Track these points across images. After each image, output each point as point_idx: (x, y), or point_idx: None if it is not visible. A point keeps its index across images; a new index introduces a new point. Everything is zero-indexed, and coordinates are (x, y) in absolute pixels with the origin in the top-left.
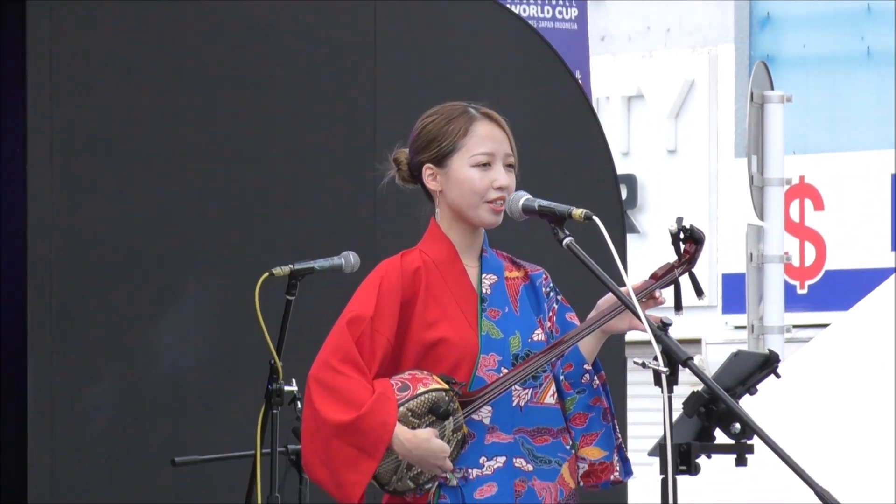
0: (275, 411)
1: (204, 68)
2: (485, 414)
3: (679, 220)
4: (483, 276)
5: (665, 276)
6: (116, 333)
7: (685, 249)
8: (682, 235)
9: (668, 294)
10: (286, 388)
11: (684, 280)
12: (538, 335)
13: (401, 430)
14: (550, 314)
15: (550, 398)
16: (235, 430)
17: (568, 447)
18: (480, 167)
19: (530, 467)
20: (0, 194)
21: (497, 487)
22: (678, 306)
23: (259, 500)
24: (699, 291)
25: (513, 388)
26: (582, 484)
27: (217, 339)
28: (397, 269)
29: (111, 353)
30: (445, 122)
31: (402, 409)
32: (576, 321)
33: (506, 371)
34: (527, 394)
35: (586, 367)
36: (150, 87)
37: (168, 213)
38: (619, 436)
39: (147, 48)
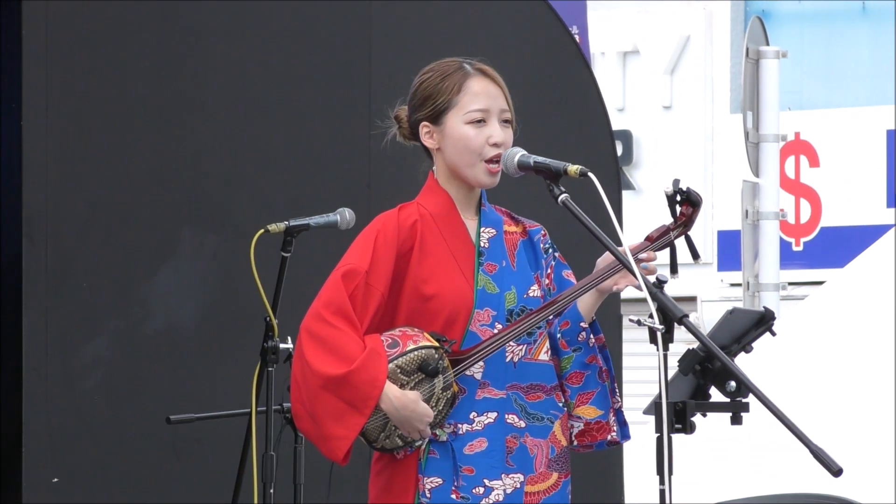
0: (270, 369)
1: (201, 25)
2: (477, 369)
3: (676, 182)
4: (482, 229)
5: (660, 238)
6: (112, 290)
7: (681, 212)
8: (678, 198)
9: (662, 254)
10: (282, 345)
11: (680, 242)
12: (534, 291)
13: (390, 388)
14: (548, 271)
15: (544, 355)
16: (231, 388)
17: (561, 405)
18: (475, 123)
19: (522, 423)
20: None
21: (487, 443)
22: (674, 269)
23: (254, 458)
24: (695, 254)
25: (507, 343)
26: (576, 443)
27: (212, 296)
28: (394, 223)
29: (106, 310)
30: (440, 78)
31: (391, 365)
32: (572, 279)
33: (500, 326)
34: (521, 350)
35: (583, 324)
36: (146, 41)
37: (163, 170)
38: (619, 399)
39: (142, 6)
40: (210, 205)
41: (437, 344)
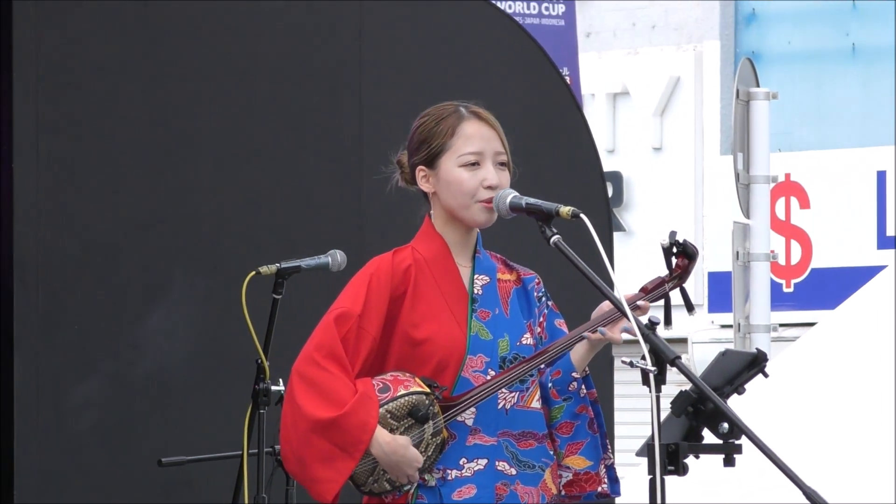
0: (262, 411)
1: (190, 66)
2: (468, 415)
3: (672, 234)
4: (475, 276)
5: (655, 290)
6: (103, 331)
7: (677, 264)
8: (674, 250)
9: (656, 305)
10: (273, 387)
11: (674, 294)
12: (527, 339)
13: (380, 433)
14: (541, 319)
15: (536, 402)
16: (222, 430)
17: (551, 452)
18: (469, 166)
19: (513, 471)
20: None
21: (476, 489)
22: (668, 321)
23: (246, 501)
24: (690, 307)
25: (499, 390)
26: (564, 493)
27: (203, 338)
28: (388, 266)
29: (97, 352)
30: (435, 122)
31: (381, 410)
32: (564, 329)
33: (492, 373)
34: (513, 397)
35: (574, 374)
36: (136, 83)
37: (154, 211)
38: (611, 456)
39: (133, 45)
40: (201, 247)
41: (427, 390)
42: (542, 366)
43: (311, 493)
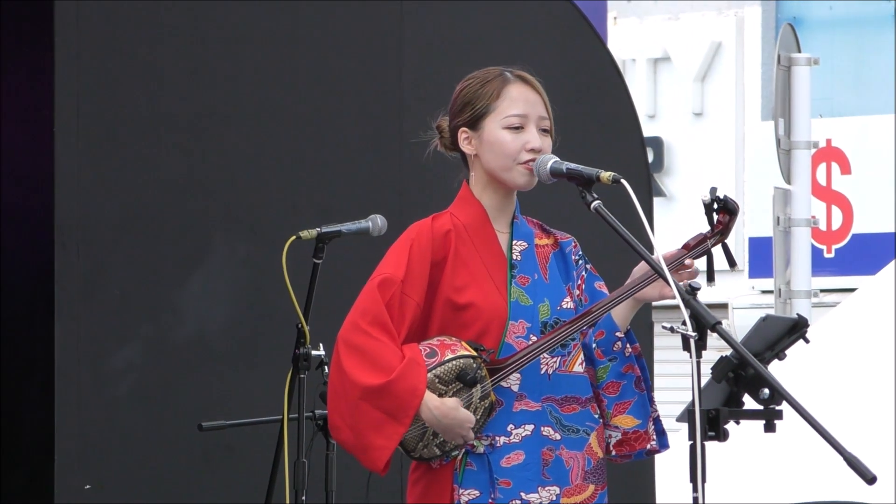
0: (302, 376)
1: (231, 31)
2: (513, 381)
3: (713, 190)
4: (513, 242)
5: (697, 247)
6: (143, 296)
7: (718, 220)
8: (715, 206)
9: (699, 262)
10: (313, 352)
11: (717, 250)
12: (567, 303)
13: (429, 398)
14: (579, 282)
15: (579, 367)
16: (262, 395)
17: (596, 416)
18: (513, 129)
19: (558, 436)
20: (27, 157)
21: (524, 455)
22: (710, 277)
23: (286, 465)
24: (732, 262)
25: (541, 356)
26: (614, 453)
27: (244, 303)
28: (428, 232)
29: (138, 317)
30: (480, 84)
31: (429, 375)
32: (604, 290)
33: (534, 338)
34: (555, 362)
35: (618, 334)
36: (176, 48)
37: (195, 175)
38: (657, 409)
39: (173, 10)
40: (241, 211)
41: (475, 353)
42: (585, 328)
43: (362, 462)
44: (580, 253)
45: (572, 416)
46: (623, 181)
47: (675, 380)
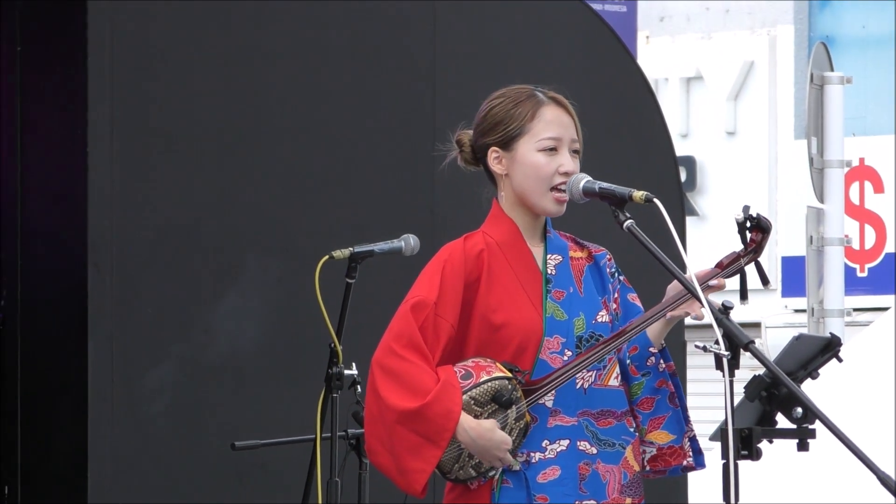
0: (335, 395)
1: (263, 50)
2: (548, 397)
3: (746, 208)
4: (548, 256)
5: (731, 265)
6: (176, 315)
7: (751, 238)
8: (748, 224)
9: (732, 280)
10: (346, 371)
11: (750, 269)
12: (602, 316)
13: (466, 419)
14: (615, 295)
15: (614, 380)
16: (295, 414)
17: (632, 430)
18: (547, 152)
19: (594, 450)
20: (61, 175)
21: (560, 470)
22: (744, 295)
23: (319, 484)
24: (765, 280)
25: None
26: (648, 468)
27: (277, 322)
28: (460, 253)
29: (171, 336)
30: (513, 104)
31: (465, 397)
32: (637, 303)
33: (569, 353)
34: (591, 376)
35: (651, 349)
36: (209, 67)
37: (228, 195)
38: (693, 429)
39: (206, 30)
40: (274, 231)
41: (509, 374)
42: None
43: (399, 485)
44: (614, 266)
45: (608, 430)
46: (656, 200)
47: (708, 399)
